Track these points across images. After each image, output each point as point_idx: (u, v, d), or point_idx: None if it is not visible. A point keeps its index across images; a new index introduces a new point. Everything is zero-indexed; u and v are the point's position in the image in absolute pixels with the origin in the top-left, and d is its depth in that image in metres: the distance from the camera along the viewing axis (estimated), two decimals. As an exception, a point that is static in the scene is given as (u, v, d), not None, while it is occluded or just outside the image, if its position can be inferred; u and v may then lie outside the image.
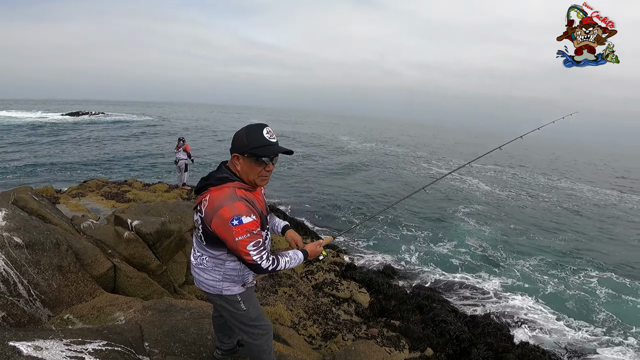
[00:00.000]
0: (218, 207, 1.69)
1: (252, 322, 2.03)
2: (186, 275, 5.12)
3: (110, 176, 16.72)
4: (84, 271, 3.34)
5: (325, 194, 18.24)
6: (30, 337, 1.81)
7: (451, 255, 11.34)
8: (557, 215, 18.57)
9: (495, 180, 26.97)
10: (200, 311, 3.11)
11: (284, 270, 2.51)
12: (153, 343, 2.37)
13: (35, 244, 3.05)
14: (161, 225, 4.76)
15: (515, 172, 33.00)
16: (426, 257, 10.92)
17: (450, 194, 20.85)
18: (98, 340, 1.95)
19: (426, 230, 13.53)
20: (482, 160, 19.95)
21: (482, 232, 13.95)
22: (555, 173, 36.35)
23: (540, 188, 26.05)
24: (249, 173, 1.78)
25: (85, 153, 24.19)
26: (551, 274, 10.65)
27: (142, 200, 8.72)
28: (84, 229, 4.68)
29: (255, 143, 1.72)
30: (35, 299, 2.80)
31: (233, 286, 1.93)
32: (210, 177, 1.82)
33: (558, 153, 68.32)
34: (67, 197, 8.39)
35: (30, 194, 4.91)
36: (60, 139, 29.67)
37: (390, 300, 7.38)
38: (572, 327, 7.99)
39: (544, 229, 15.50)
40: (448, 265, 10.47)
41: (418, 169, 29.47)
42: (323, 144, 38.28)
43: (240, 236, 1.67)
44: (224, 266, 1.87)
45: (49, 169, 18.97)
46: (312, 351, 4.23)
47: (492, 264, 10.95)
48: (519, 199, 21.58)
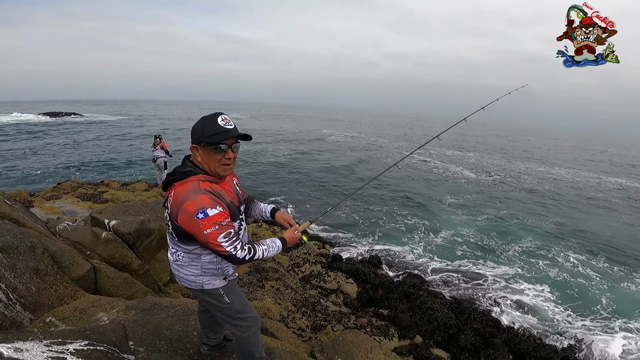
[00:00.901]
0: (182, 201, 1.67)
1: (238, 315, 2.03)
2: (170, 274, 5.03)
3: (86, 177, 16.19)
4: (62, 273, 3.24)
5: (301, 181, 18.36)
6: (10, 339, 1.76)
7: (436, 242, 11.56)
8: (542, 197, 19.24)
9: (477, 166, 27.69)
10: (185, 308, 3.07)
11: (264, 259, 2.49)
12: (138, 341, 2.33)
13: (9, 248, 2.95)
14: (140, 224, 4.65)
15: (494, 159, 33.95)
16: (411, 245, 11.10)
17: (434, 181, 21.29)
18: (79, 341, 1.89)
19: (411, 218, 13.76)
20: (463, 148, 20.23)
21: (468, 219, 14.26)
22: (532, 158, 37.66)
23: (521, 172, 26.98)
24: (209, 163, 1.77)
25: (59, 154, 23.31)
26: (540, 258, 10.88)
27: (120, 200, 8.50)
28: (60, 231, 4.53)
29: (211, 131, 1.71)
30: (15, 303, 2.71)
31: (214, 279, 1.91)
32: (175, 173, 1.80)
33: (530, 137, 70.89)
34: (42, 200, 8.09)
35: (2, 197, 4.71)
36: (33, 141, 28.51)
37: (378, 289, 7.48)
38: (561, 311, 8.17)
39: (531, 213, 15.98)
40: (433, 253, 10.67)
41: (398, 155, 29.97)
42: (303, 138, 38.32)
43: (207, 229, 1.65)
44: (200, 260, 1.85)
45: (21, 172, 18.18)
46: (301, 343, 4.24)
47: (478, 249, 11.20)
48: (504, 182, 22.26)
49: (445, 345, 6.19)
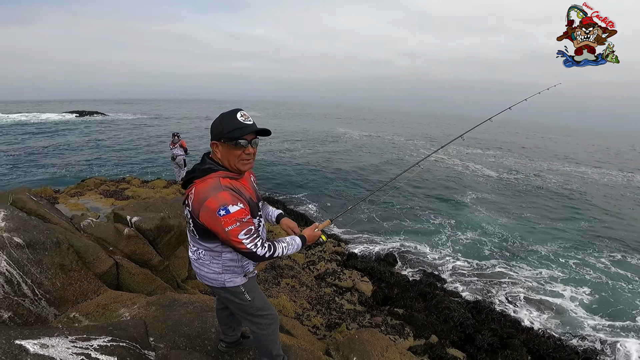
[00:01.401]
0: (203, 199, 1.68)
1: (258, 312, 2.03)
2: (189, 270, 5.13)
3: (109, 174, 16.67)
4: (86, 269, 3.34)
5: (322, 181, 18.34)
6: (36, 335, 1.81)
7: (456, 240, 11.39)
8: (570, 198, 18.58)
9: (496, 165, 27.04)
10: (203, 305, 3.12)
11: (283, 257, 2.50)
12: (158, 338, 2.39)
13: (36, 244, 3.03)
14: (160, 220, 4.76)
15: (515, 157, 33.05)
16: (430, 244, 10.98)
17: (454, 179, 20.92)
18: (103, 337, 1.95)
19: (431, 216, 13.60)
20: (482, 146, 19.74)
21: (490, 217, 13.98)
22: (554, 155, 36.49)
23: (545, 171, 26.17)
24: (229, 159, 1.77)
25: (82, 152, 24.10)
26: (568, 258, 10.45)
27: (140, 197, 8.71)
28: (84, 227, 4.67)
29: (230, 127, 1.72)
30: (40, 299, 2.80)
31: (235, 277, 1.92)
32: (195, 170, 1.81)
33: (551, 135, 68.57)
34: (66, 197, 8.36)
35: (29, 194, 4.88)
36: (57, 139, 29.55)
37: (393, 288, 7.43)
38: (587, 313, 7.83)
39: (558, 212, 15.48)
40: (453, 252, 10.52)
41: (417, 154, 29.55)
42: (319, 137, 38.27)
43: (229, 226, 1.66)
44: (221, 258, 1.86)
45: (47, 170, 18.90)
46: (317, 341, 4.26)
47: (502, 248, 10.98)
48: (528, 181, 21.64)
49: (462, 345, 6.10)
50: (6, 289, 2.63)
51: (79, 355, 1.70)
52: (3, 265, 2.71)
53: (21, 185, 8.65)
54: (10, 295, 2.64)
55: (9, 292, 2.64)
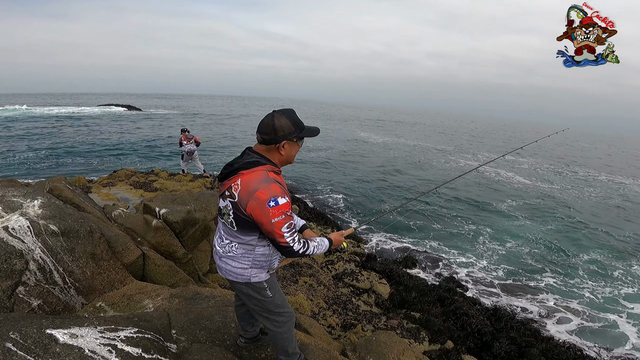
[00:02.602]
0: (253, 190, 1.71)
1: (276, 309, 2.06)
2: (210, 264, 5.26)
3: (138, 166, 17.29)
4: (115, 259, 3.46)
5: (347, 185, 18.23)
6: (67, 324, 1.89)
7: (477, 246, 11.12)
8: (610, 207, 17.66)
9: (530, 173, 25.89)
10: (224, 299, 3.18)
11: (312, 256, 2.53)
12: (180, 330, 2.46)
13: (70, 232, 3.10)
14: (187, 213, 4.89)
15: (549, 165, 31.53)
16: (453, 249, 10.76)
17: (484, 186, 20.22)
18: (130, 328, 2.04)
19: (458, 222, 13.32)
20: (515, 152, 18.62)
21: (519, 227, 13.46)
22: (592, 166, 34.58)
23: (581, 182, 24.84)
24: (291, 155, 1.88)
25: (116, 144, 25.11)
26: (608, 270, 9.93)
27: (168, 190, 8.99)
28: (115, 217, 4.87)
29: (302, 127, 1.84)
30: (70, 287, 2.90)
31: (260, 273, 1.95)
32: (236, 163, 1.84)
33: (583, 142, 64.80)
34: (99, 187, 8.74)
35: (64, 183, 5.11)
36: (92, 131, 30.92)
37: (411, 291, 7.36)
38: (623, 329, 7.41)
39: (598, 223, 14.69)
40: (476, 258, 10.27)
41: (445, 161, 28.75)
42: (345, 139, 38.00)
43: (276, 217, 1.70)
44: (253, 252, 1.90)
45: (82, 160, 19.82)
46: (333, 341, 4.28)
47: (530, 257, 10.61)
48: (565, 190, 20.67)
49: (477, 352, 5.99)
50: (38, 277, 2.72)
51: (106, 346, 1.78)
52: (37, 253, 2.77)
53: (58, 174, 9.10)
54: (41, 283, 2.72)
55: (41, 279, 2.73)
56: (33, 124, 33.25)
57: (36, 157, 19.78)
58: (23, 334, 1.70)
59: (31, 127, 31.10)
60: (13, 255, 2.63)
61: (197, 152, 11.58)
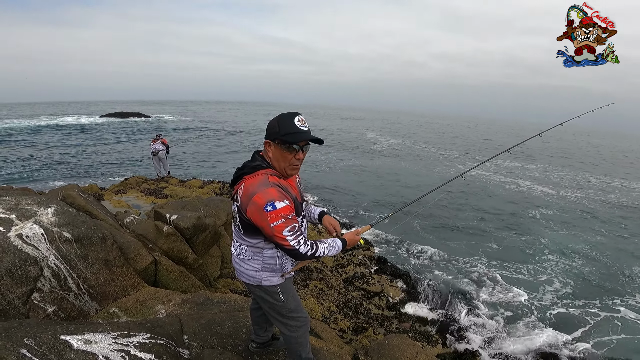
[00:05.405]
0: (251, 194, 1.73)
1: (290, 314, 2.05)
2: (221, 269, 5.28)
3: (148, 174, 17.51)
4: (128, 265, 3.51)
5: (356, 187, 18.14)
6: (81, 330, 1.91)
7: (493, 254, 10.83)
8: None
9: (543, 180, 24.49)
10: (235, 305, 3.18)
11: (324, 257, 2.50)
12: (192, 336, 2.47)
13: (83, 239, 3.17)
14: (197, 219, 4.93)
15: (562, 171, 29.78)
16: (463, 253, 10.58)
17: (491, 193, 19.42)
18: (142, 333, 2.05)
19: (468, 227, 13.02)
20: (520, 158, 17.60)
21: (533, 239, 12.34)
22: (607, 171, 32.49)
23: (601, 189, 22.91)
24: (280, 160, 1.81)
25: (125, 152, 25.48)
26: None
27: (178, 196, 9.07)
28: (127, 224, 4.93)
29: (287, 130, 1.75)
30: (84, 293, 2.95)
31: (272, 276, 1.94)
32: (245, 167, 1.86)
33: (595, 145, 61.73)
34: (110, 194, 8.87)
35: (77, 191, 5.21)
36: (101, 140, 31.45)
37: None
38: None
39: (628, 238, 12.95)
40: (490, 265, 10.01)
41: (450, 164, 28.11)
42: (356, 143, 37.59)
43: (275, 222, 1.69)
44: (262, 254, 1.90)
45: (93, 168, 20.16)
46: (344, 345, 4.24)
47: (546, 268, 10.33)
48: (587, 199, 18.63)
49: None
50: (53, 283, 2.78)
51: (120, 352, 1.79)
52: (52, 260, 2.85)
53: (70, 183, 9.26)
54: (56, 289, 2.78)
55: (55, 286, 2.79)
56: (49, 134, 33.94)
57: (48, 166, 20.22)
58: (38, 340, 1.72)
59: (47, 137, 31.76)
60: (28, 262, 2.67)
61: (163, 153, 12.04)
